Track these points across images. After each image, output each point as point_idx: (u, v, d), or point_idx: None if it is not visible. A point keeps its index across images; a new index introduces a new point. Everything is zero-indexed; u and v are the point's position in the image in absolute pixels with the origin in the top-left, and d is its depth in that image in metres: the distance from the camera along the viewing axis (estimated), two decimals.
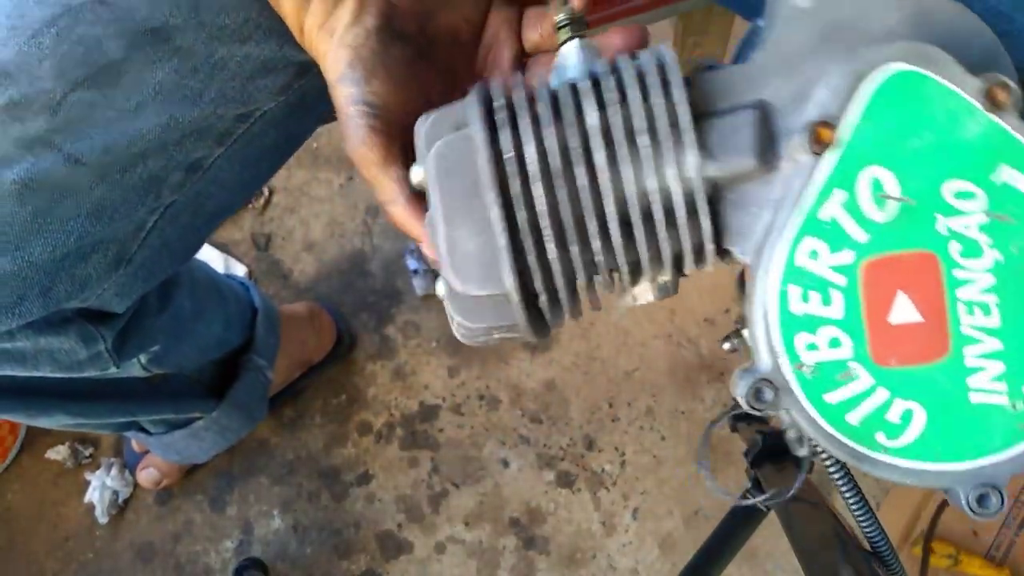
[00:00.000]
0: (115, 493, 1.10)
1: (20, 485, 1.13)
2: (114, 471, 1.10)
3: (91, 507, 1.10)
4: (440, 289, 0.34)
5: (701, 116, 0.33)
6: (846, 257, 0.30)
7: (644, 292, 0.35)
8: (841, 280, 0.30)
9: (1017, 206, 0.30)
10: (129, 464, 1.12)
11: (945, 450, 0.30)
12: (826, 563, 0.57)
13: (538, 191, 0.31)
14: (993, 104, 0.29)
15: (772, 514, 0.77)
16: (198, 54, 0.46)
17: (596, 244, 0.32)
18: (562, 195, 0.31)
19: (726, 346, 0.39)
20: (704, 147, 0.32)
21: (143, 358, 0.69)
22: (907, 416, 0.30)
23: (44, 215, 0.46)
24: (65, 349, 0.57)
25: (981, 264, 0.30)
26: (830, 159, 0.30)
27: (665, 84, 0.32)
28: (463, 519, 1.12)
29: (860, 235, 0.30)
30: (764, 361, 0.31)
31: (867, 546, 0.56)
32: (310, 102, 0.54)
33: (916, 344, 0.30)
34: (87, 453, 1.14)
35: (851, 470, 0.54)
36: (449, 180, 0.32)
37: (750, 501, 0.67)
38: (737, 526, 0.82)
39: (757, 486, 0.79)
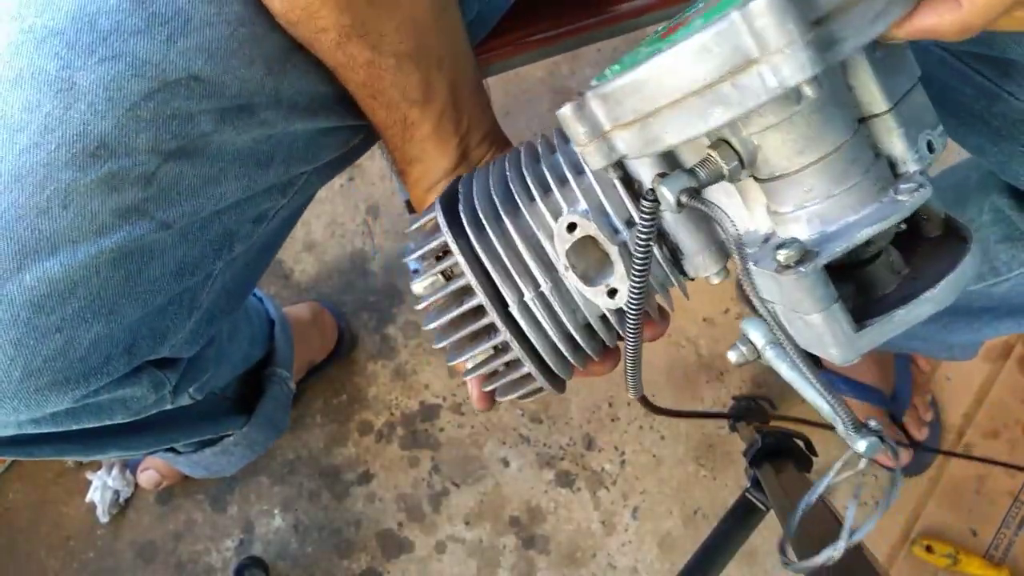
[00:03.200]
0: (116, 493, 1.11)
1: (21, 484, 1.14)
2: (115, 471, 1.11)
3: (92, 506, 1.11)
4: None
5: None
6: None
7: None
8: None
9: None
10: (130, 464, 1.12)
11: None
12: (827, 563, 0.57)
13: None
14: None
15: (771, 514, 0.77)
16: (277, 126, 0.49)
17: None
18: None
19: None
20: None
21: (192, 389, 0.70)
22: None
23: (135, 278, 0.47)
24: (137, 397, 0.58)
25: None
26: None
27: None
28: (463, 518, 1.12)
29: None
30: None
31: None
32: (356, 151, 0.58)
33: None
34: None
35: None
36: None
37: None
38: (736, 525, 0.82)
39: (757, 485, 0.79)
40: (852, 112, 0.33)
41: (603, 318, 0.44)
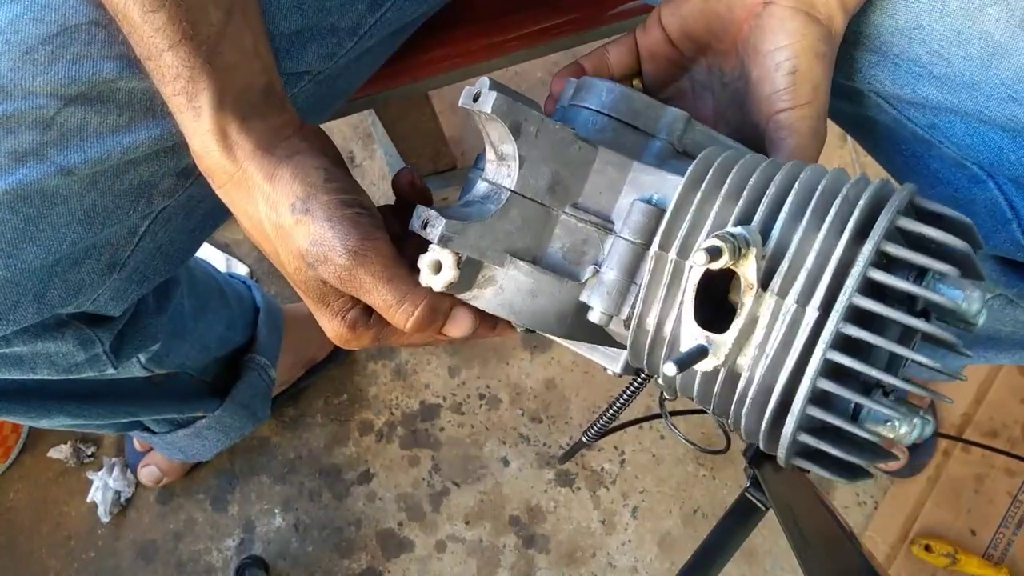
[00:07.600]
0: (117, 493, 1.11)
1: (22, 484, 1.14)
2: (116, 471, 1.11)
3: (93, 506, 1.11)
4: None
5: None
6: None
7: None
8: None
9: None
10: (131, 463, 1.12)
11: None
12: (826, 563, 0.57)
13: None
14: None
15: (771, 513, 0.77)
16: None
17: None
18: None
19: None
20: None
21: (142, 358, 0.69)
22: None
23: (36, 222, 0.47)
24: (62, 352, 0.58)
25: None
26: None
27: None
28: (463, 518, 1.12)
29: None
30: None
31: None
32: (301, 104, 0.55)
33: None
34: (89, 452, 1.14)
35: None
36: None
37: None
38: (736, 524, 0.82)
39: (756, 485, 0.79)
40: None
41: None
